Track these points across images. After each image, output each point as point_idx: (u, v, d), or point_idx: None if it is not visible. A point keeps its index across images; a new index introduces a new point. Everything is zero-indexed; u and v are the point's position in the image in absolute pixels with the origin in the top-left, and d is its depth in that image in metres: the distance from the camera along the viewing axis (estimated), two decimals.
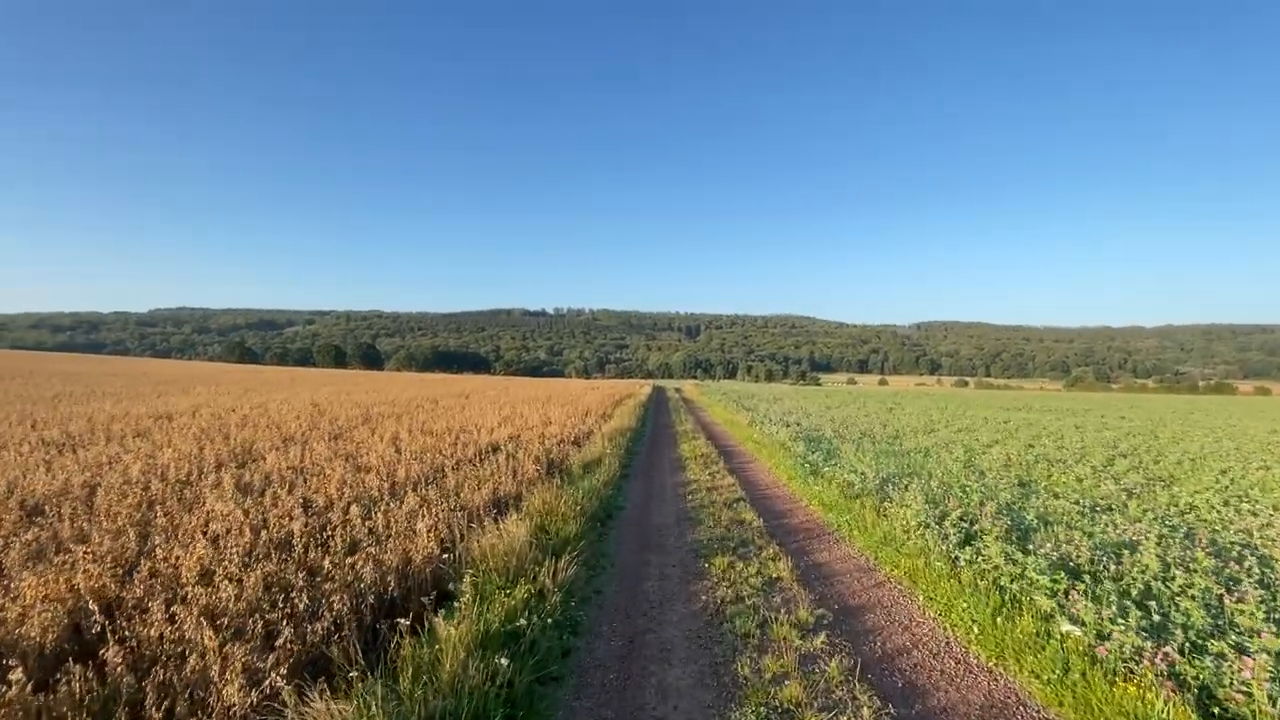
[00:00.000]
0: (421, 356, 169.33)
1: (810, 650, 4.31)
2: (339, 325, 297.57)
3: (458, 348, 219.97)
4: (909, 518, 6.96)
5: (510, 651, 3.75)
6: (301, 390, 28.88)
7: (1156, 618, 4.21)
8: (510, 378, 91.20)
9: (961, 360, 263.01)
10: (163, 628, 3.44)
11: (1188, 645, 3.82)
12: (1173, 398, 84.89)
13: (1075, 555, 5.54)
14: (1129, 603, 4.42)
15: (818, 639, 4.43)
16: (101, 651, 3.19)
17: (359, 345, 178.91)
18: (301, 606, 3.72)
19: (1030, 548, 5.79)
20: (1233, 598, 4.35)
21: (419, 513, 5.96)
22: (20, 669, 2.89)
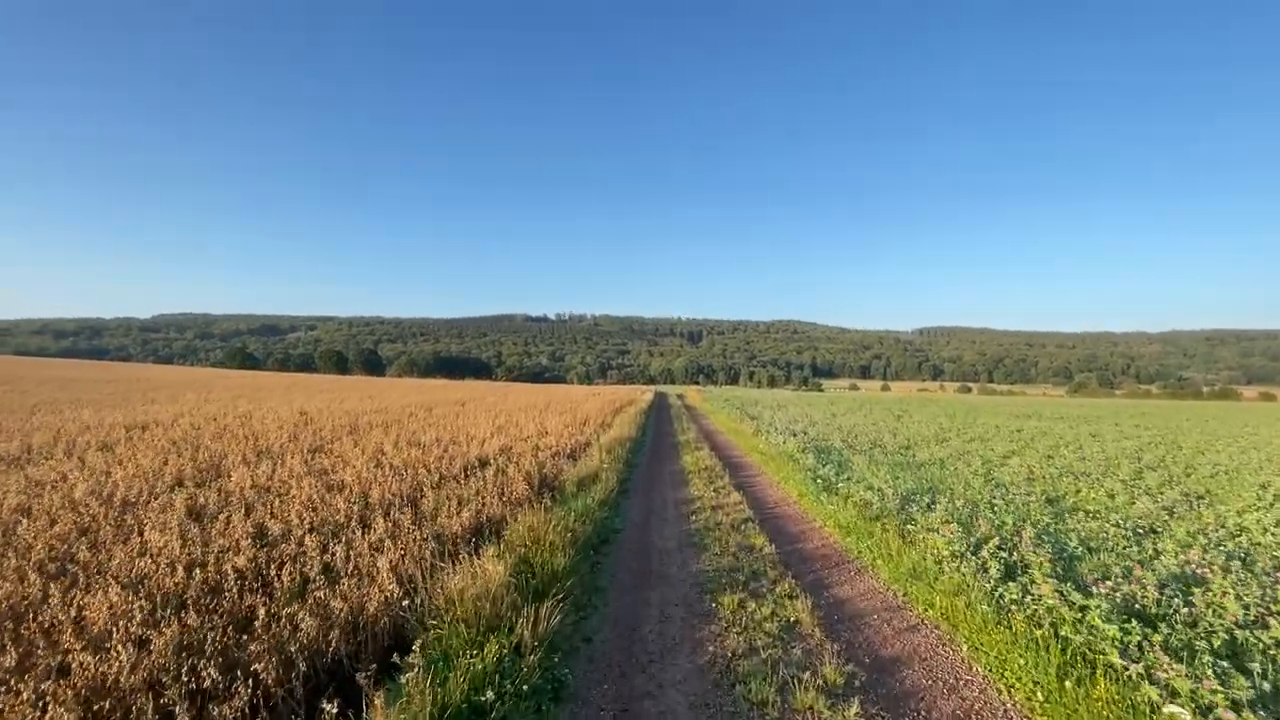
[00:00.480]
0: (423, 362, 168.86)
1: None
2: (341, 331, 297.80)
3: (460, 353, 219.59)
4: (940, 546, 6.20)
5: None
6: (295, 397, 28.13)
7: (1266, 685, 3.46)
8: (511, 384, 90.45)
9: (964, 366, 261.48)
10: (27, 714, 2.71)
11: None
12: (1179, 404, 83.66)
13: (1140, 595, 4.78)
14: (1226, 663, 3.67)
15: (850, 709, 3.65)
16: None
17: (361, 351, 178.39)
18: (210, 680, 2.98)
19: (1084, 584, 5.05)
20: None
21: (385, 544, 5.22)
22: None
